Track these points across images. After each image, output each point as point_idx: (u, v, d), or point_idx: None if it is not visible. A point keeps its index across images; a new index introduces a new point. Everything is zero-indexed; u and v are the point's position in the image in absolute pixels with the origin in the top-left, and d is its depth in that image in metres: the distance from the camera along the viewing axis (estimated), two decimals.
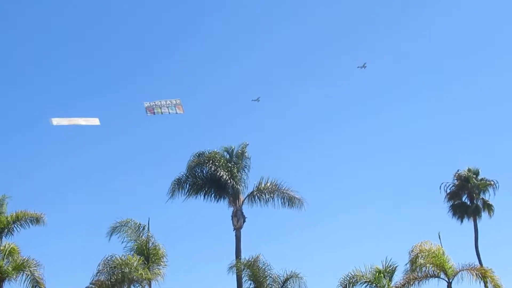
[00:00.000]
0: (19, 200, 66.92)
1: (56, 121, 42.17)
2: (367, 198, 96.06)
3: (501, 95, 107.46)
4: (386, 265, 38.38)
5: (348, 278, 38.16)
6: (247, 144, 46.52)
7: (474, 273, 37.58)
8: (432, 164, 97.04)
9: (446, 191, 58.68)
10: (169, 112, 44.11)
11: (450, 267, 38.08)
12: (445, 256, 38.57)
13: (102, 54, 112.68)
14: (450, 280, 37.95)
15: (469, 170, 59.02)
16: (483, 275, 37.66)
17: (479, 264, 46.09)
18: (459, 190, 58.62)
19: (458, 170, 59.26)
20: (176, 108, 44.32)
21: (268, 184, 45.32)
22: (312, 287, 40.99)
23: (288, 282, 38.42)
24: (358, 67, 76.90)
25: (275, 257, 53.73)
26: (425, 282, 38.26)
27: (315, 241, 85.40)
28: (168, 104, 44.28)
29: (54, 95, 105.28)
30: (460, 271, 37.85)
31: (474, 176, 58.61)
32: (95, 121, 43.15)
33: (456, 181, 58.90)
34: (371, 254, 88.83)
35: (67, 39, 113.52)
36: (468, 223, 57.77)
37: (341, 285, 38.06)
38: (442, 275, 38.15)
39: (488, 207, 57.53)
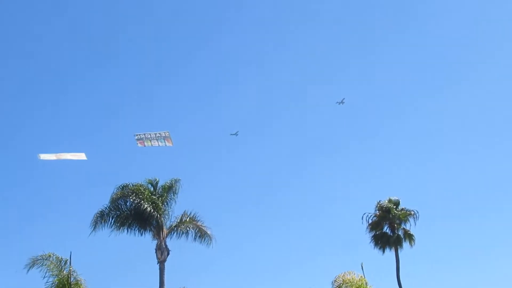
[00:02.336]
0: None
1: (43, 156, 41.40)
2: (291, 228, 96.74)
3: (421, 127, 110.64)
4: None
5: None
6: (179, 180, 46.48)
7: None
8: (354, 195, 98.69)
9: (368, 222, 59.32)
10: (158, 144, 44.41)
11: None
12: (368, 286, 39.04)
13: None
14: None
15: (390, 200, 59.66)
16: None
17: None
18: (381, 221, 59.19)
19: (379, 201, 59.92)
20: (165, 141, 44.53)
21: (187, 219, 45.45)
22: None
23: None
24: (337, 102, 75.74)
25: None
26: None
27: (240, 274, 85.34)
28: (158, 136, 44.54)
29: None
30: None
31: (395, 206, 59.31)
32: (81, 156, 42.64)
33: (377, 211, 59.56)
34: (295, 285, 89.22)
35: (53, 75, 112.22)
36: (390, 253, 58.44)
37: None
38: None
39: (409, 237, 58.27)
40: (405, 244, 58.30)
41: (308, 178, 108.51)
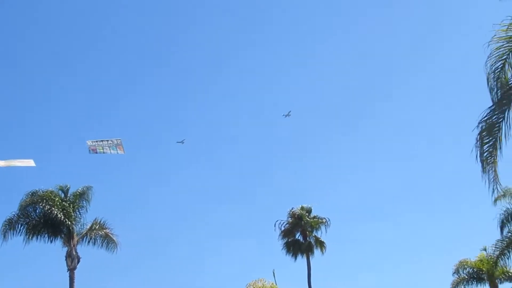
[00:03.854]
0: None
1: None
2: (204, 235, 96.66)
3: (333, 137, 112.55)
4: None
5: None
6: (91, 187, 45.73)
7: None
8: (268, 202, 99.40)
9: (281, 229, 59.73)
10: (110, 152, 43.78)
11: None
12: None
13: None
14: None
15: (302, 208, 60.31)
16: None
17: None
18: (293, 228, 59.79)
19: (292, 208, 60.49)
20: (117, 148, 43.92)
21: (97, 226, 44.92)
22: None
23: None
24: (283, 115, 76.35)
25: None
26: None
27: (152, 279, 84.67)
28: (110, 144, 43.90)
29: None
30: None
31: (307, 214, 59.98)
32: (30, 163, 41.48)
33: (290, 219, 60.05)
34: None
35: None
36: (301, 260, 59.05)
37: None
38: None
39: (320, 244, 59.05)
40: (317, 251, 59.10)
41: (222, 184, 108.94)
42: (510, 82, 17.48)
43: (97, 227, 44.99)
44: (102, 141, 44.19)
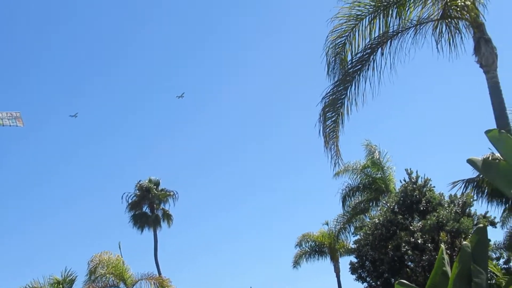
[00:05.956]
0: None
1: None
2: (48, 212, 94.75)
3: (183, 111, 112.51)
4: (65, 275, 37.65)
5: None
6: None
7: (152, 283, 38.39)
8: (115, 175, 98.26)
9: (128, 201, 59.38)
10: (10, 124, 41.36)
11: (129, 277, 38.40)
12: (125, 265, 38.79)
13: None
14: None
15: (150, 180, 60.20)
16: (161, 284, 38.53)
17: (157, 273, 47.17)
18: (141, 200, 59.61)
19: (140, 181, 60.22)
20: (16, 121, 41.60)
21: None
22: None
23: None
24: (177, 96, 75.96)
25: None
26: None
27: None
28: (9, 116, 41.40)
29: None
30: (139, 280, 38.32)
31: (155, 186, 59.94)
32: None
33: (137, 191, 59.77)
34: (52, 265, 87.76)
35: None
36: (148, 233, 59.04)
37: None
38: (122, 285, 38.35)
39: (168, 217, 59.28)
40: (164, 224, 59.25)
41: (71, 154, 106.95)
42: (349, 60, 17.92)
43: None
44: (1, 113, 42.58)
